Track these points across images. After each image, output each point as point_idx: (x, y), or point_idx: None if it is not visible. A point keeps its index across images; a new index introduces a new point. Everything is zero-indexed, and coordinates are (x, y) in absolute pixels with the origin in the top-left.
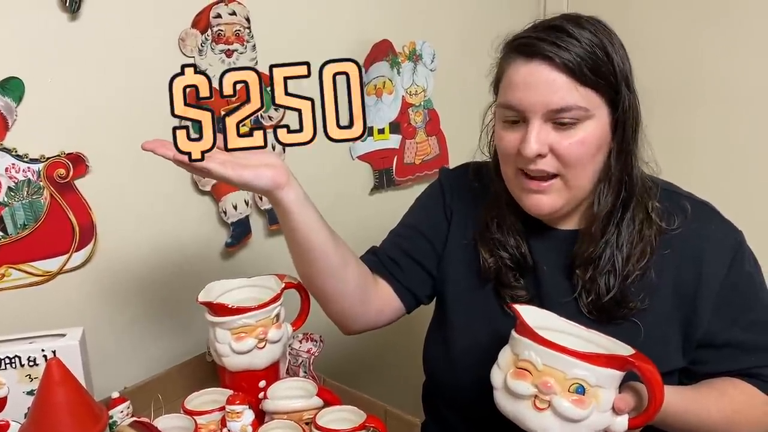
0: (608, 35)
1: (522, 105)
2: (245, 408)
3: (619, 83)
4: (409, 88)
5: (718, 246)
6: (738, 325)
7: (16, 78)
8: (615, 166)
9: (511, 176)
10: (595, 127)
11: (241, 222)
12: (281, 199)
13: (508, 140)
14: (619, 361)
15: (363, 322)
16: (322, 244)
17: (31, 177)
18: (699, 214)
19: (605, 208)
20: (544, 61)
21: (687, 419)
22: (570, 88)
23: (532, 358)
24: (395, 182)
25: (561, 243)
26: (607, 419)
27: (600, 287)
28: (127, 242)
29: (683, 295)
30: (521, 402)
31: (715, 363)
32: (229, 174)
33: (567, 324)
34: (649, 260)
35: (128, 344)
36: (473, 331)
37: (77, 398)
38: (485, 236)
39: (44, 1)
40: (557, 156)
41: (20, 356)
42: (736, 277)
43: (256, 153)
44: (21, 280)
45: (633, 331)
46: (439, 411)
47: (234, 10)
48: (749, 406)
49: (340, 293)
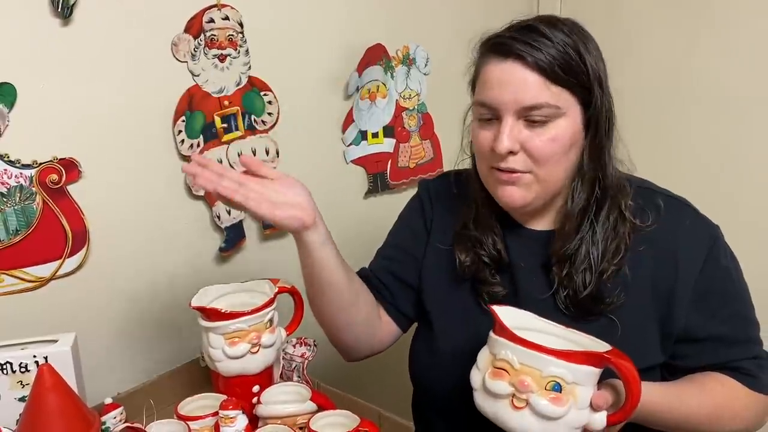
0: (582, 36)
1: (495, 103)
2: (239, 413)
3: (591, 82)
4: (403, 92)
5: (692, 241)
6: (716, 318)
7: (8, 84)
8: (588, 164)
9: (485, 172)
10: (566, 126)
11: (234, 227)
12: (305, 240)
13: (483, 137)
14: (595, 357)
15: (368, 350)
16: (338, 281)
17: (23, 182)
18: (673, 211)
19: (579, 205)
20: (517, 60)
21: (670, 415)
22: (541, 87)
23: (509, 357)
24: (389, 186)
25: (536, 243)
26: (585, 416)
27: (577, 283)
28: (120, 247)
29: (660, 291)
30: (499, 402)
31: (695, 357)
32: (263, 213)
33: (546, 323)
34: (624, 257)
35: (121, 350)
36: (454, 334)
37: (69, 404)
38: (462, 235)
39: (36, 7)
40: (528, 153)
41: (12, 362)
42: (713, 272)
43: (290, 186)
44: (13, 285)
45: (610, 327)
46: (427, 418)
47: (227, 14)
48: (730, 399)
49: (350, 325)
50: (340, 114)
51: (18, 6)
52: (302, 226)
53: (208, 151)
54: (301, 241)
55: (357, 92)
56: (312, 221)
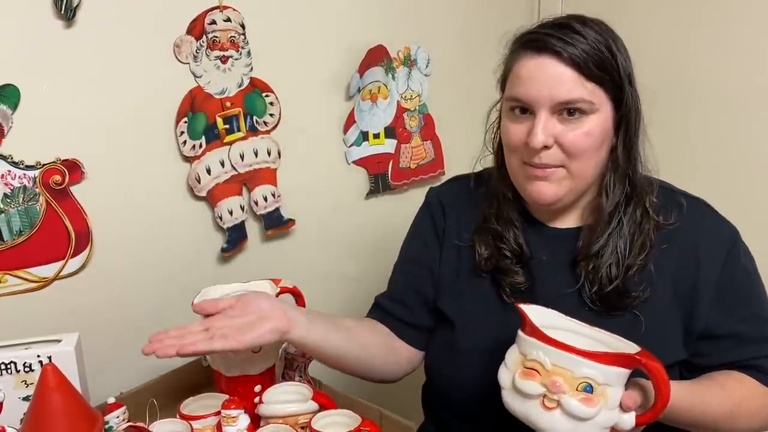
0: (612, 35)
1: (529, 97)
2: (241, 412)
3: (623, 80)
4: (404, 93)
5: (713, 240)
6: (735, 316)
7: (12, 85)
8: (622, 159)
9: (516, 167)
10: (599, 121)
11: (236, 227)
12: (291, 339)
13: (515, 132)
14: (626, 359)
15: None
16: (338, 349)
17: (26, 183)
18: (694, 210)
19: (614, 201)
20: (552, 56)
21: (691, 414)
22: (576, 82)
23: (541, 357)
24: (391, 187)
25: (560, 240)
26: (615, 417)
27: (603, 277)
28: (123, 248)
29: (682, 289)
30: (530, 401)
31: (715, 354)
32: (233, 346)
33: (572, 323)
34: (649, 253)
35: (124, 350)
36: (475, 331)
37: (73, 404)
38: (483, 228)
39: (39, 9)
40: (562, 147)
41: (16, 362)
42: (733, 270)
43: (248, 303)
44: (17, 286)
45: (635, 323)
46: (442, 419)
47: (229, 16)
48: (749, 397)
49: (368, 371)
50: (341, 115)
51: (21, 8)
52: (280, 333)
53: (210, 152)
54: (289, 340)
55: (358, 93)
56: (287, 324)
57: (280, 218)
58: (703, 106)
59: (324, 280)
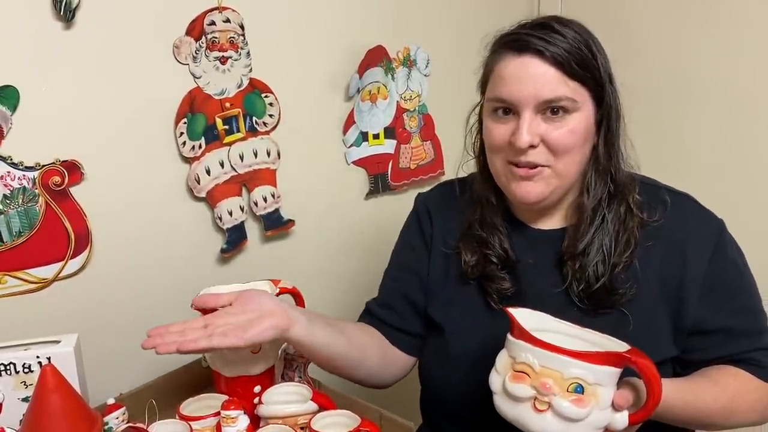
0: (590, 35)
1: (513, 97)
2: (240, 413)
3: (603, 79)
4: (404, 94)
5: (699, 235)
6: (725, 311)
7: (11, 86)
8: (603, 157)
9: (500, 167)
10: (581, 119)
11: (236, 228)
12: (291, 338)
13: (498, 133)
14: (616, 357)
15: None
16: (337, 352)
17: (26, 184)
18: (679, 206)
19: (596, 199)
20: (534, 55)
21: (685, 410)
22: (560, 81)
23: (529, 360)
24: (390, 187)
25: (545, 242)
26: (608, 416)
27: (590, 275)
28: (123, 249)
29: (669, 286)
30: (521, 404)
31: (705, 350)
32: (234, 343)
33: (561, 324)
34: (634, 251)
35: (123, 350)
36: (465, 337)
37: (72, 405)
38: (468, 235)
39: (39, 10)
40: (548, 146)
41: (15, 363)
42: (721, 263)
43: (249, 301)
44: (16, 287)
45: (623, 321)
46: (437, 424)
47: (228, 17)
48: (743, 392)
49: (364, 375)
50: (341, 115)
51: (20, 9)
52: (281, 331)
53: (209, 152)
54: (288, 339)
55: (358, 94)
56: (287, 322)
57: (279, 219)
58: (702, 105)
59: (324, 281)
